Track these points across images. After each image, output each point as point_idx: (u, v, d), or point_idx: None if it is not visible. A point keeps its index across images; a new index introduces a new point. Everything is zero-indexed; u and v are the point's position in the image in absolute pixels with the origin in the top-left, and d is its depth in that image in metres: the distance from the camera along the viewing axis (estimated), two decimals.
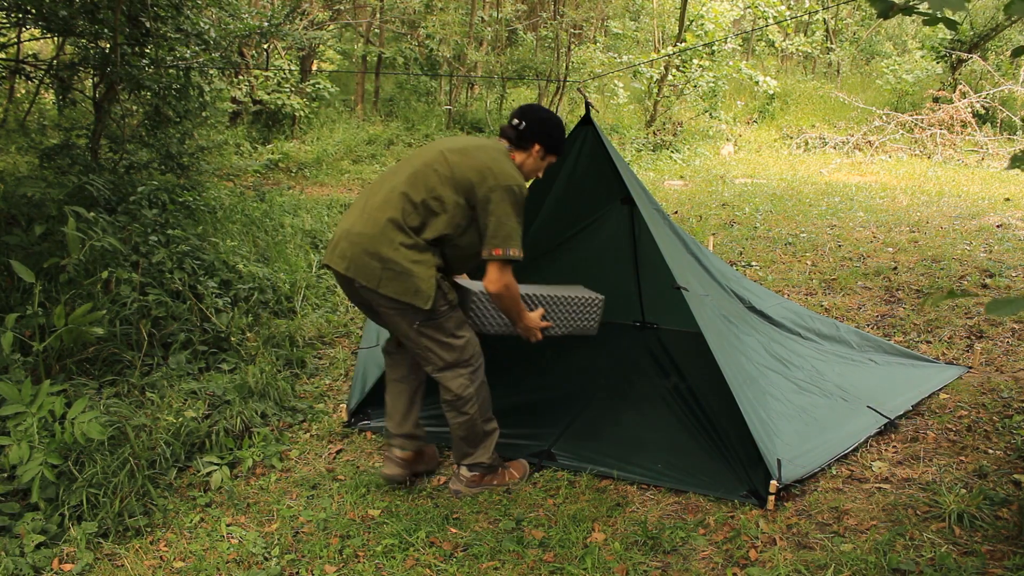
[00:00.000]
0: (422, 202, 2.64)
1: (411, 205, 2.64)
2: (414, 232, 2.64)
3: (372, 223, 2.65)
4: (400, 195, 2.65)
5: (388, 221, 2.62)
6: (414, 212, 2.64)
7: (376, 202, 2.69)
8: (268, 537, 2.74)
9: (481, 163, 2.66)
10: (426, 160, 2.71)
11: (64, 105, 6.50)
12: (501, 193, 2.63)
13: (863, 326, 4.55)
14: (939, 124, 11.17)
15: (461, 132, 11.99)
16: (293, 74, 11.66)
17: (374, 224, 2.64)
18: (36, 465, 2.67)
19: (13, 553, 2.51)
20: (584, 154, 3.51)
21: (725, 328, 3.48)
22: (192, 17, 5.49)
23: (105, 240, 3.92)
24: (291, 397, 3.77)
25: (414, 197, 2.65)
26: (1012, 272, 5.30)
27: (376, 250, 2.62)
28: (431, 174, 2.66)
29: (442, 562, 2.55)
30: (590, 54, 12.04)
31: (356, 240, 2.65)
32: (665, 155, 11.29)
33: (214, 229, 5.43)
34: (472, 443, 2.93)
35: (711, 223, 7.23)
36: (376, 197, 2.71)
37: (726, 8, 11.93)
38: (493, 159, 2.68)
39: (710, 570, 2.45)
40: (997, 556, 2.36)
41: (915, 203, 7.90)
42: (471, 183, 2.63)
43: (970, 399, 3.49)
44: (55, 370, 3.44)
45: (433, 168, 2.67)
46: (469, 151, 2.71)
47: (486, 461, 2.96)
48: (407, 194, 2.65)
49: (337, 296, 5.23)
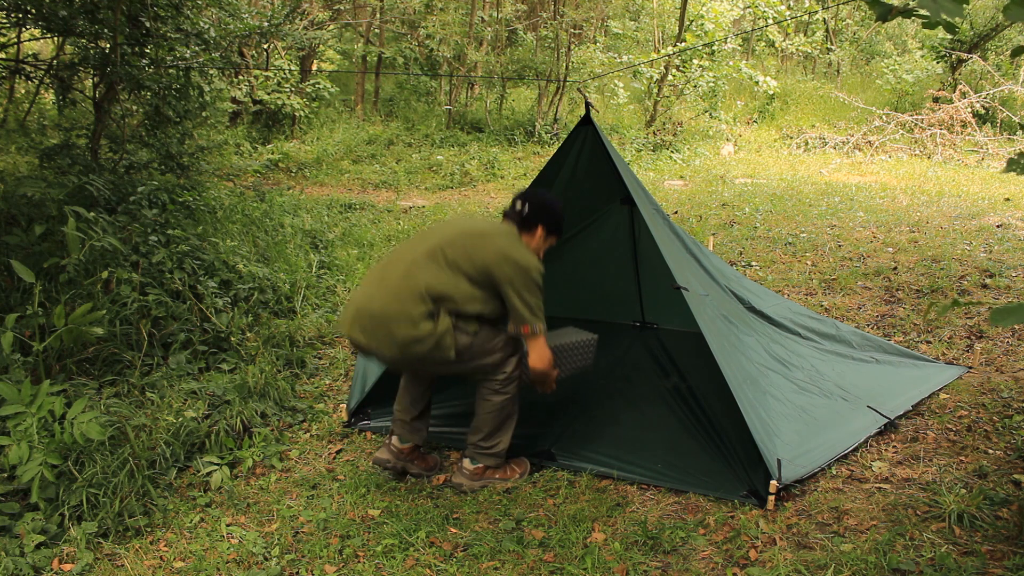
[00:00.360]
0: (440, 280, 2.75)
1: (430, 281, 2.74)
2: (433, 301, 2.74)
3: (392, 299, 2.75)
4: (419, 271, 2.76)
5: (407, 298, 2.73)
6: (433, 286, 2.74)
7: (394, 278, 2.78)
8: (268, 537, 2.74)
9: (499, 248, 2.78)
10: (445, 238, 2.83)
11: (64, 105, 6.49)
12: (523, 277, 2.76)
13: (863, 326, 4.55)
14: (939, 124, 11.16)
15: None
16: (293, 74, 11.66)
17: (394, 300, 2.74)
18: (36, 465, 2.67)
19: (13, 553, 2.51)
20: (584, 154, 3.51)
21: (725, 328, 3.49)
22: (192, 17, 5.49)
23: (105, 240, 3.92)
24: (291, 397, 3.77)
25: (432, 274, 2.75)
26: (1012, 272, 5.30)
27: (397, 329, 2.73)
28: (450, 252, 2.78)
29: (442, 562, 2.55)
30: (590, 54, 12.04)
31: (378, 318, 2.76)
32: (665, 155, 11.29)
33: (214, 229, 5.43)
34: (502, 428, 3.00)
35: (711, 223, 7.23)
36: (394, 271, 2.81)
37: (726, 8, 11.92)
38: (510, 244, 2.82)
39: (710, 570, 2.45)
40: (997, 556, 2.36)
41: (915, 203, 7.90)
42: (488, 266, 2.76)
43: (970, 399, 3.49)
44: (55, 370, 3.44)
45: (452, 247, 2.79)
46: (488, 235, 2.83)
47: (505, 446, 3.02)
48: (426, 270, 2.76)
49: (337, 296, 5.24)
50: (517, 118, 12.58)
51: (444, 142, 11.55)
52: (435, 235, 2.88)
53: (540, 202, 2.96)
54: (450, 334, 2.76)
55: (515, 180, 10.01)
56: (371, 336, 2.77)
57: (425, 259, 2.78)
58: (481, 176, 10.15)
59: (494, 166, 10.38)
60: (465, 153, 11.02)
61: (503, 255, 2.76)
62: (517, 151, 11.37)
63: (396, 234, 6.99)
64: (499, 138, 11.78)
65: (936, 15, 1.61)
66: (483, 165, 10.43)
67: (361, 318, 2.79)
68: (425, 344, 2.73)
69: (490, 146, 11.38)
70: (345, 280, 5.52)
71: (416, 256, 2.80)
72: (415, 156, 11.01)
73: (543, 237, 2.97)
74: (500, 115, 12.67)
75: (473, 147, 11.27)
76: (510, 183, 9.87)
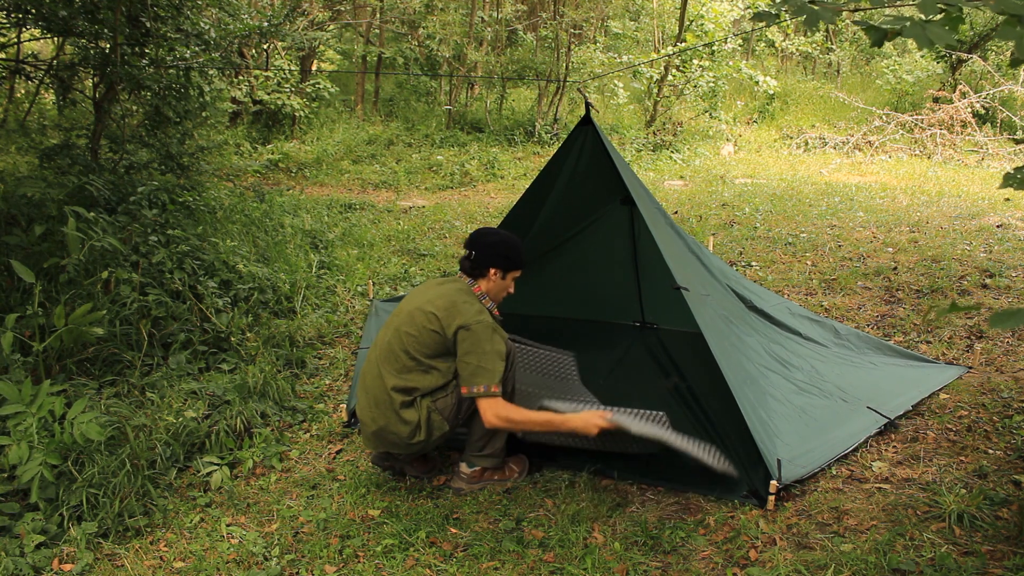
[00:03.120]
0: (402, 378, 2.80)
1: (394, 383, 2.79)
2: (404, 393, 2.79)
3: (377, 413, 2.82)
4: (384, 374, 2.81)
5: (386, 404, 2.79)
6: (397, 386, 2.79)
7: (370, 385, 2.86)
8: (268, 537, 2.74)
9: (444, 306, 2.78)
10: (397, 327, 2.85)
11: (64, 105, 6.49)
12: (463, 333, 2.73)
13: (863, 326, 4.55)
14: (939, 124, 11.16)
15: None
16: (293, 74, 11.65)
17: (378, 412, 2.82)
18: (36, 465, 2.67)
19: (13, 553, 2.51)
20: (584, 154, 3.51)
21: (725, 328, 3.49)
22: (192, 17, 5.49)
23: (105, 240, 3.92)
24: (291, 397, 3.77)
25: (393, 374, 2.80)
26: (1012, 272, 5.30)
27: (397, 436, 2.81)
28: (406, 342, 2.80)
29: (442, 562, 2.55)
30: (590, 54, 12.03)
31: (380, 434, 2.85)
32: (665, 155, 11.29)
33: (214, 229, 5.43)
34: (497, 433, 2.97)
35: (711, 223, 7.23)
36: (369, 375, 2.88)
37: (726, 8, 11.92)
38: (452, 301, 2.79)
39: (710, 570, 2.45)
40: (997, 556, 2.36)
41: (915, 203, 7.90)
42: (437, 334, 2.76)
43: (970, 399, 3.49)
44: (55, 370, 3.44)
45: (404, 337, 2.81)
46: (432, 300, 2.82)
47: (500, 445, 3.01)
48: (387, 371, 2.81)
49: (337, 296, 5.24)
50: (517, 118, 12.57)
51: (444, 142, 11.55)
52: (390, 324, 2.91)
53: (484, 243, 2.92)
54: (434, 412, 2.81)
55: (515, 180, 10.01)
56: (389, 446, 2.89)
57: (385, 358, 2.83)
58: (481, 176, 10.15)
59: (494, 166, 10.38)
60: (465, 153, 11.02)
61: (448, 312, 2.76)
62: (517, 151, 11.37)
63: (396, 234, 6.99)
64: (499, 138, 11.77)
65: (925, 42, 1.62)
66: (483, 165, 10.43)
67: (369, 439, 2.91)
68: (422, 431, 2.79)
69: (490, 146, 11.38)
70: (345, 280, 5.52)
71: (379, 355, 2.86)
72: (415, 156, 11.01)
73: (500, 276, 2.93)
74: (500, 115, 12.67)
75: (473, 147, 11.27)
76: (510, 183, 9.87)
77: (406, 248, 6.57)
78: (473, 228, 7.28)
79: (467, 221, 7.61)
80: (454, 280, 2.94)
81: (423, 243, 6.74)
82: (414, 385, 2.79)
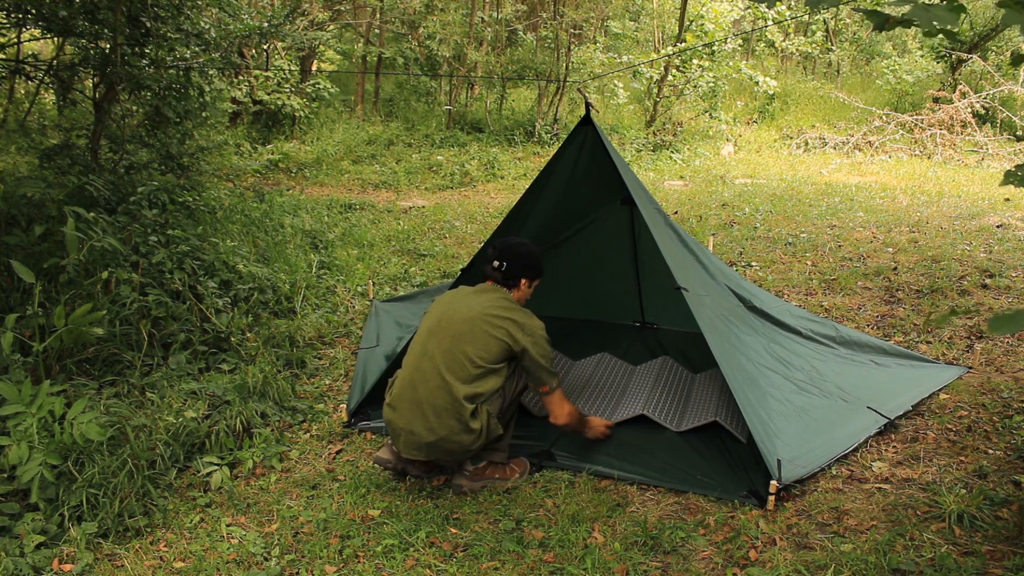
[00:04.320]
0: (471, 387, 2.83)
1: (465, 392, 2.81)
2: (470, 401, 2.82)
3: (436, 422, 2.82)
4: (451, 382, 2.81)
5: (450, 414, 2.81)
6: (468, 394, 2.81)
7: (427, 397, 2.83)
8: (268, 537, 2.74)
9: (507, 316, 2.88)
10: (455, 334, 2.87)
11: (64, 105, 6.49)
12: (528, 339, 2.87)
13: (863, 326, 4.54)
14: (939, 124, 11.16)
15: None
16: (293, 74, 11.65)
17: (441, 424, 2.81)
18: (36, 465, 2.67)
19: (13, 553, 2.51)
20: (584, 154, 3.51)
21: (725, 328, 3.49)
22: (192, 17, 5.49)
23: (105, 240, 3.91)
24: (291, 397, 3.77)
25: (461, 383, 2.82)
26: (1012, 272, 5.30)
27: (457, 446, 2.84)
28: (469, 350, 2.84)
29: (442, 562, 2.55)
30: (590, 54, 12.02)
31: (434, 445, 2.85)
32: (665, 155, 11.29)
33: (214, 229, 5.43)
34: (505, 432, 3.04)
35: (711, 223, 7.23)
36: (423, 388, 2.85)
37: (726, 8, 11.91)
38: (510, 309, 2.92)
39: (710, 570, 2.45)
40: (997, 556, 2.36)
41: (915, 203, 7.90)
42: (504, 342, 2.86)
43: (970, 399, 3.49)
44: (55, 370, 3.44)
45: (467, 340, 2.85)
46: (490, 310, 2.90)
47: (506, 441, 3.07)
48: (455, 380, 2.82)
49: (337, 296, 5.24)
50: (517, 118, 12.57)
51: (444, 142, 11.55)
52: (444, 333, 2.90)
53: (515, 254, 3.03)
54: (492, 417, 2.89)
55: (515, 180, 10.01)
56: (443, 455, 2.90)
57: (448, 368, 2.83)
58: (481, 176, 10.15)
59: (494, 166, 10.39)
60: (465, 153, 11.02)
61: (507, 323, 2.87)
62: (517, 151, 11.37)
63: (396, 234, 6.99)
64: (499, 138, 11.77)
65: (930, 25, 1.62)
66: (483, 165, 10.43)
67: (421, 449, 2.88)
68: (482, 436, 2.86)
69: (490, 146, 11.38)
70: (345, 280, 5.52)
71: (438, 365, 2.85)
72: (415, 156, 11.01)
73: (528, 286, 3.09)
74: (500, 115, 12.67)
75: (473, 147, 11.27)
76: (510, 183, 9.87)
77: (406, 248, 6.57)
78: (473, 228, 7.28)
79: (467, 221, 7.61)
80: (495, 289, 3.03)
81: (423, 243, 6.74)
82: (480, 391, 2.85)
